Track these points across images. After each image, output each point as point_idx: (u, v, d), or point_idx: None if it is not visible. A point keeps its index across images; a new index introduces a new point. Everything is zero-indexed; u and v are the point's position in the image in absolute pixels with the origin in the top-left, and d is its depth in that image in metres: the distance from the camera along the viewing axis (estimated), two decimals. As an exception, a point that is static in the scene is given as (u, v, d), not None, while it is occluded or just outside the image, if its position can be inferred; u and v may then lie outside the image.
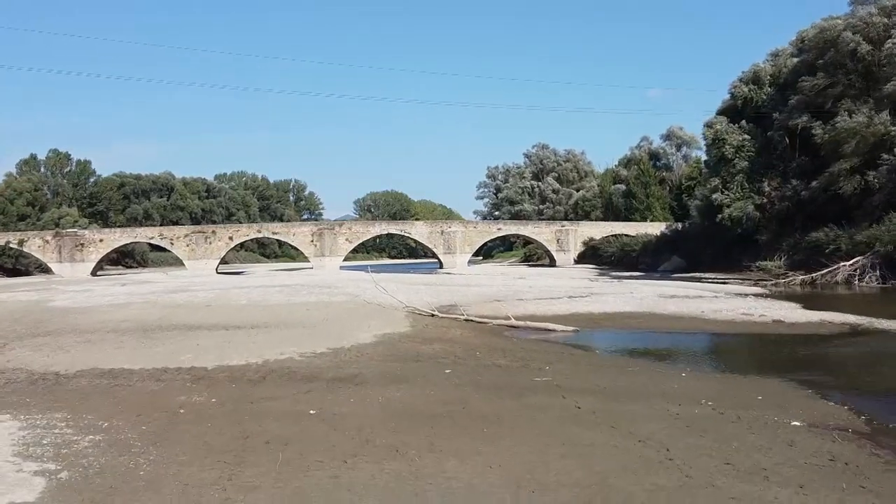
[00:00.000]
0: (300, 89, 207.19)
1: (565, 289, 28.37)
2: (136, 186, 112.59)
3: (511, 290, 27.92)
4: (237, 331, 14.63)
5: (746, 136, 42.96)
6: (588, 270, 56.91)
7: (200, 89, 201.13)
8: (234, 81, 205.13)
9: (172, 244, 68.57)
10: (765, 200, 42.00)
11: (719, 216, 42.95)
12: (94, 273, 66.19)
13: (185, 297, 23.56)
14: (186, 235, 68.26)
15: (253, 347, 12.15)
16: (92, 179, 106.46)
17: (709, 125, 44.36)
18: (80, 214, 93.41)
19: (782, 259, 39.02)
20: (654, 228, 68.87)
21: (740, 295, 24.91)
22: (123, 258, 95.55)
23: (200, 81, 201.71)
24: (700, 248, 49.59)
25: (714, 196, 43.37)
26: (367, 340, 13.16)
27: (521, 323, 16.78)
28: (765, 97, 43.26)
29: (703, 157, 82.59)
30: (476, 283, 34.09)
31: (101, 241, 67.40)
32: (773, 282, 33.32)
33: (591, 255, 70.26)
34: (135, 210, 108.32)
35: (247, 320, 16.40)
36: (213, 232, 68.85)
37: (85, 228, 73.63)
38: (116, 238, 68.98)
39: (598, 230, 73.49)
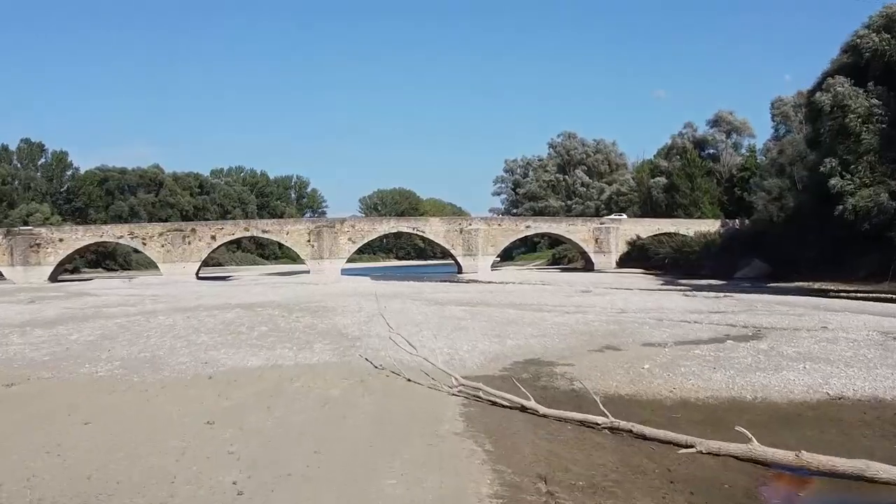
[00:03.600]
0: (300, 86, 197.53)
1: (691, 315, 17.84)
2: (120, 181, 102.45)
3: (602, 318, 17.41)
4: None
5: (876, 102, 32.38)
6: (644, 277, 46.44)
7: (199, 86, 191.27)
8: (231, 77, 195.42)
9: (145, 244, 58.19)
10: (904, 186, 31.53)
11: (840, 207, 32.39)
12: (54, 278, 56.06)
13: (30, 346, 13.05)
14: (161, 234, 57.74)
15: None
16: (69, 173, 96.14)
17: (825, 88, 33.66)
18: (56, 211, 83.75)
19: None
20: (710, 226, 59.13)
21: None
22: (104, 260, 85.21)
23: (199, 77, 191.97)
24: (793, 248, 39.28)
25: (832, 181, 32.74)
26: None
27: (785, 457, 6.31)
28: (902, 49, 32.66)
29: (759, 145, 72.80)
30: (531, 300, 23.60)
31: (60, 240, 56.89)
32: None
33: (637, 256, 60.30)
34: (119, 207, 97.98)
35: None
36: (193, 230, 58.27)
37: (42, 226, 63.03)
38: (79, 237, 58.34)
39: (644, 228, 63.02)
